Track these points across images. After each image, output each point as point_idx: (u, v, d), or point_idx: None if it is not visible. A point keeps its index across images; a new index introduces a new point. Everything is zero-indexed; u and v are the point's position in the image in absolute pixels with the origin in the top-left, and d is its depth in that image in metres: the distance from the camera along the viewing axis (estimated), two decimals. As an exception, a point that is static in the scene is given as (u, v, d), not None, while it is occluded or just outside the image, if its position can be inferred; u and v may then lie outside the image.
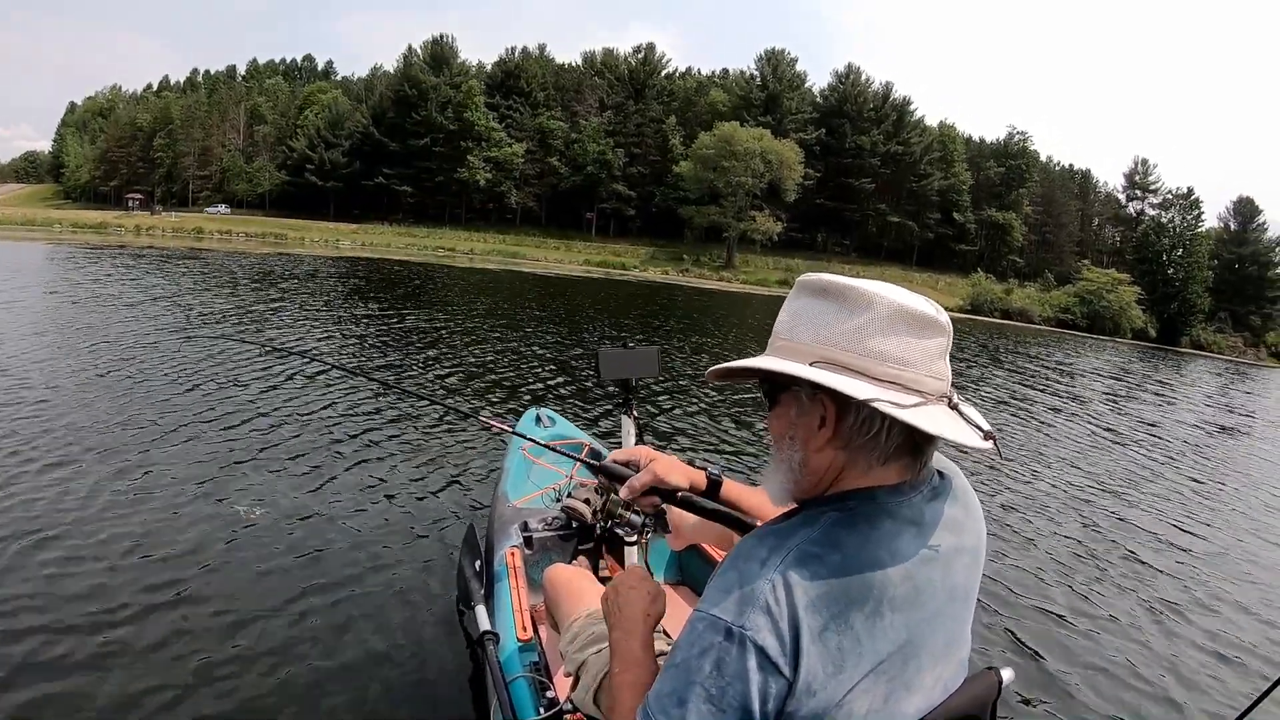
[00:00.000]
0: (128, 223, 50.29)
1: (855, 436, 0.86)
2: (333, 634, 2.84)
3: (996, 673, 0.98)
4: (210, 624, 2.83)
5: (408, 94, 59.16)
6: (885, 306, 0.84)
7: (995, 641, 3.36)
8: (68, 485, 4.00)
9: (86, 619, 2.78)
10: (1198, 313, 57.18)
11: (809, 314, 0.88)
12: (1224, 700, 3.09)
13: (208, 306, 12.25)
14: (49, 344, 7.83)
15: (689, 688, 0.79)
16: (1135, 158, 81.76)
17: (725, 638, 0.78)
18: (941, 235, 62.31)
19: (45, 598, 2.91)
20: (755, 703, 0.77)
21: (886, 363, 0.83)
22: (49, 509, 3.70)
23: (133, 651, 2.61)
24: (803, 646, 0.77)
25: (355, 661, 2.68)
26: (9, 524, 3.48)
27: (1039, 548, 4.68)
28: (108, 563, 3.22)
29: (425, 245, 51.56)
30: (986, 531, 0.98)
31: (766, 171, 51.59)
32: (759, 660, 0.77)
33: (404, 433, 5.63)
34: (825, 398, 0.86)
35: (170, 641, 2.68)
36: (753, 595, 0.79)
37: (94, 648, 2.62)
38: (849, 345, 0.84)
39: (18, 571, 3.08)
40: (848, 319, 0.84)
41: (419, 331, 11.53)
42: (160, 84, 79.99)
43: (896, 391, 0.81)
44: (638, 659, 1.05)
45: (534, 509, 2.89)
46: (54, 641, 2.64)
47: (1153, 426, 10.84)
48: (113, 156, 66.48)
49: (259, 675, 2.56)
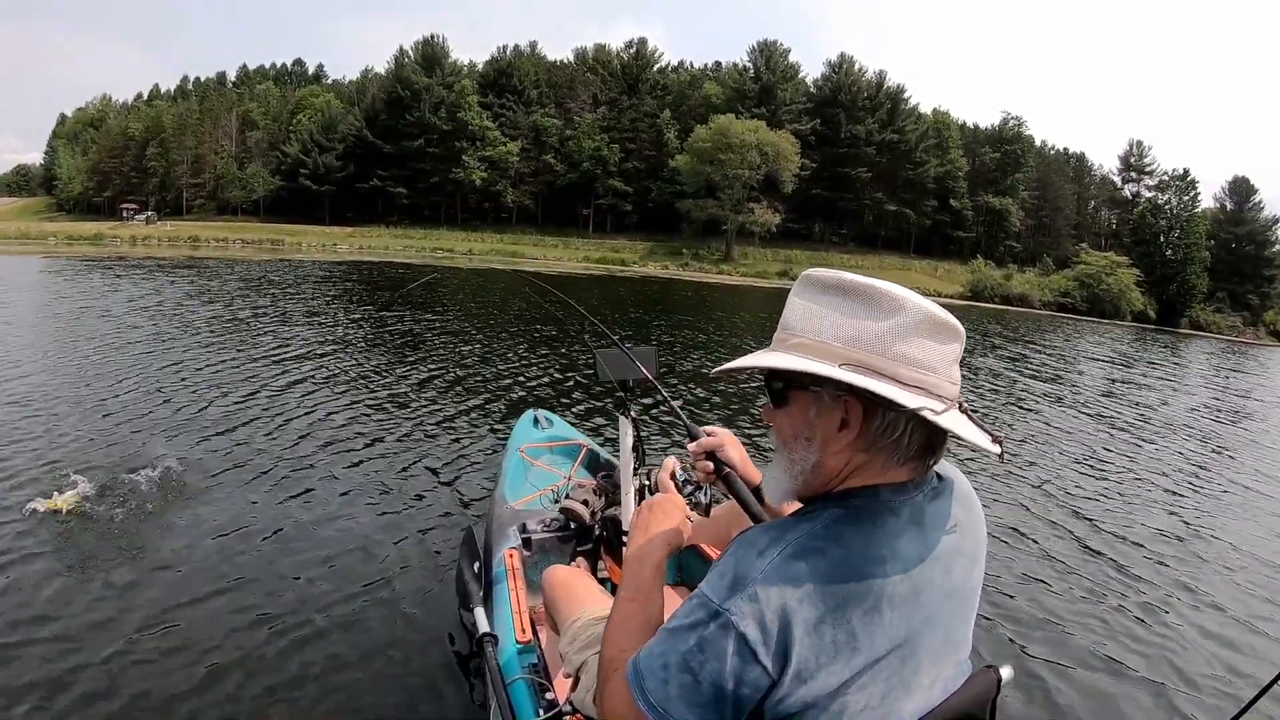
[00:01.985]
0: (123, 233, 49.97)
1: (879, 439, 0.86)
2: (331, 636, 2.85)
3: (996, 671, 0.97)
4: (208, 627, 2.85)
5: (400, 95, 58.91)
6: (915, 312, 0.84)
7: (994, 639, 3.32)
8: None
9: (91, 619, 2.82)
10: (1196, 293, 57.22)
11: (831, 313, 0.87)
12: (1227, 695, 3.05)
13: (223, 316, 12.18)
14: (77, 358, 7.79)
15: (674, 654, 0.83)
16: (1130, 140, 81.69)
17: (711, 618, 0.81)
18: (939, 222, 62.18)
19: (50, 604, 2.92)
20: (729, 684, 0.79)
21: (914, 367, 0.83)
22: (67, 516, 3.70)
23: (132, 654, 2.63)
24: (793, 636, 0.78)
25: (354, 663, 2.69)
26: (28, 533, 3.49)
27: (1038, 543, 4.63)
28: (108, 562, 3.28)
29: (423, 246, 51.32)
30: (986, 528, 0.99)
31: (763, 163, 51.43)
32: (737, 646, 0.79)
33: (402, 435, 5.63)
34: (851, 400, 0.85)
35: (169, 644, 2.70)
36: (743, 582, 0.81)
37: (95, 649, 2.64)
38: (878, 349, 0.83)
39: (27, 578, 3.09)
40: (877, 321, 0.84)
41: (447, 334, 11.58)
42: (150, 93, 79.43)
43: (925, 397, 0.82)
44: (645, 588, 1.06)
45: (532, 510, 2.89)
46: (59, 646, 2.65)
47: (1155, 411, 10.71)
48: (105, 167, 66.10)
49: (257, 677, 2.57)
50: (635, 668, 0.87)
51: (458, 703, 2.53)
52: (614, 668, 0.94)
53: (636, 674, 0.86)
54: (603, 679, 0.99)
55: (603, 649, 1.03)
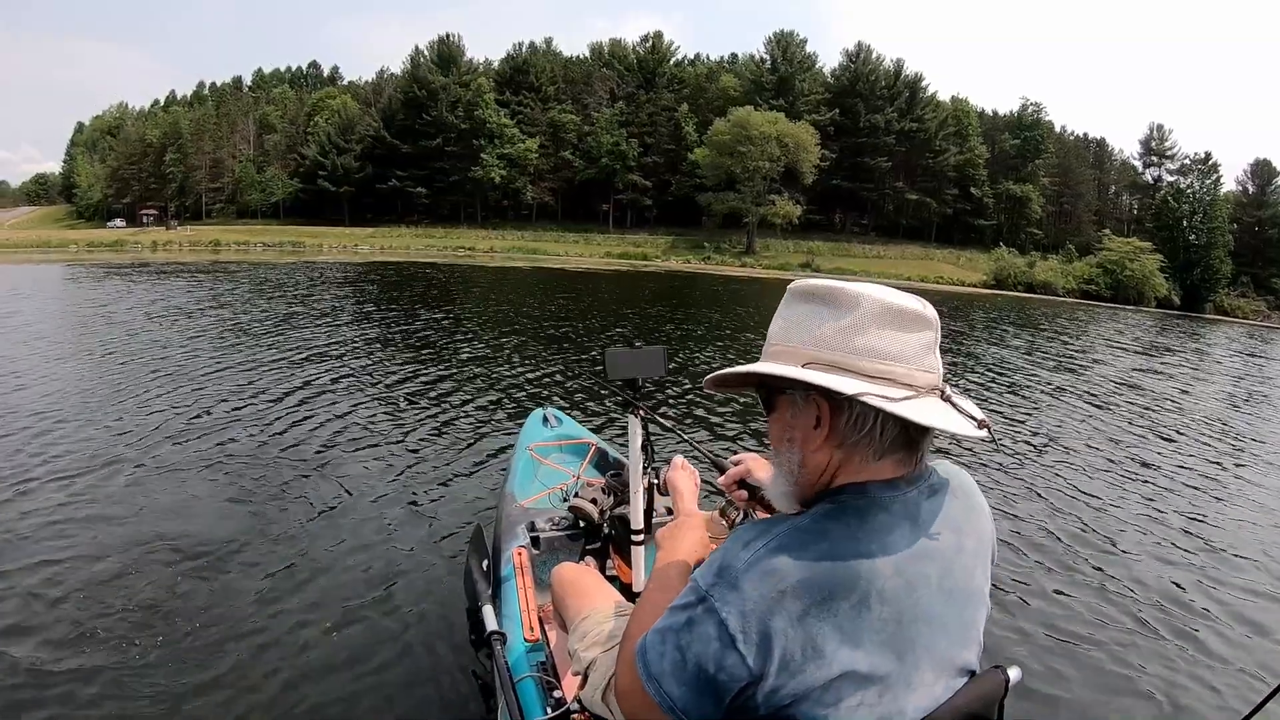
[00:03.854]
0: (144, 239, 50.28)
1: (850, 434, 0.88)
2: (339, 634, 2.86)
3: (1004, 672, 0.96)
4: (216, 624, 2.87)
5: (417, 95, 59.07)
6: (871, 304, 0.86)
7: (1001, 639, 3.24)
8: (85, 487, 4.19)
9: (102, 614, 2.87)
10: (1220, 278, 56.62)
11: (799, 318, 0.91)
12: (1236, 699, 2.96)
13: (242, 319, 12.31)
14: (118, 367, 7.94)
15: (669, 630, 0.87)
16: (1151, 123, 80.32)
17: (698, 601, 0.84)
18: (959, 210, 61.86)
19: (55, 601, 2.96)
20: (710, 666, 0.81)
21: (876, 359, 0.85)
22: (87, 512, 3.84)
23: (138, 651, 2.66)
24: (775, 628, 0.79)
25: (361, 661, 2.70)
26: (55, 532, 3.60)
27: (1052, 539, 4.51)
28: (124, 556, 3.36)
29: (444, 246, 51.47)
30: (997, 524, 0.98)
31: (783, 155, 51.27)
32: (717, 631, 0.81)
33: (411, 433, 5.69)
34: (818, 397, 0.88)
35: (178, 641, 2.73)
36: (727, 572, 0.83)
37: (106, 645, 2.68)
38: (838, 344, 0.86)
39: (46, 575, 3.16)
40: (836, 319, 0.87)
41: (459, 332, 11.71)
42: (167, 99, 79.88)
43: (887, 386, 0.83)
44: (673, 584, 1.09)
45: (541, 509, 2.89)
46: (66, 643, 2.68)
47: (1174, 401, 10.34)
48: (124, 174, 66.47)
49: (264, 675, 2.58)
50: (642, 641, 0.90)
51: (465, 701, 2.54)
52: (633, 642, 0.97)
53: (642, 646, 0.89)
54: (623, 657, 1.02)
55: (626, 633, 1.07)
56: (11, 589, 3.05)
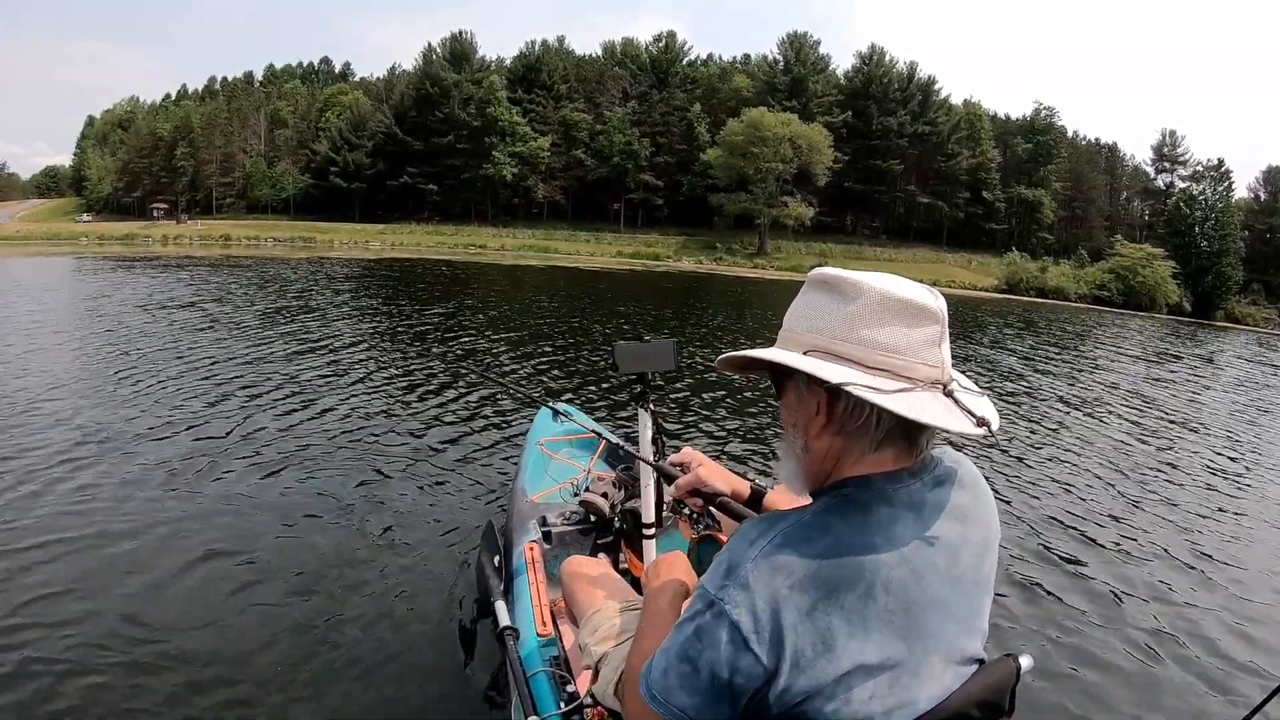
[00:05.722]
0: (155, 233, 50.32)
1: (847, 422, 0.88)
2: (351, 629, 2.84)
3: (1015, 660, 0.96)
4: (224, 619, 2.85)
5: (429, 92, 59.09)
6: (873, 294, 0.85)
7: (1010, 630, 3.24)
8: (87, 483, 4.13)
9: (113, 609, 2.85)
10: (1232, 285, 56.43)
11: (808, 305, 0.91)
12: (1237, 698, 2.95)
13: (261, 313, 12.28)
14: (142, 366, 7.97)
15: (675, 646, 0.86)
16: (1163, 129, 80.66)
17: (708, 608, 0.83)
18: (971, 214, 61.73)
19: (61, 596, 2.93)
20: (724, 671, 0.81)
21: (876, 350, 0.84)
22: (95, 509, 3.78)
23: (147, 648, 2.63)
24: (785, 624, 0.79)
25: (374, 656, 2.68)
26: (62, 523, 3.58)
27: (1061, 531, 4.50)
28: (133, 554, 3.34)
29: (455, 243, 51.41)
30: (1006, 516, 1.00)
31: (796, 156, 51.17)
32: (730, 634, 0.80)
33: (421, 429, 5.65)
34: (817, 385, 0.88)
35: (182, 638, 2.71)
36: (735, 572, 0.83)
37: (111, 640, 2.65)
38: (841, 334, 0.86)
39: (54, 573, 3.12)
40: (840, 307, 0.87)
41: (470, 326, 11.72)
42: (178, 93, 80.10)
43: (883, 378, 0.83)
44: (665, 614, 1.11)
45: (552, 504, 2.90)
46: (76, 639, 2.64)
47: (1185, 407, 10.32)
48: (135, 167, 66.51)
49: (277, 668, 2.56)
50: (646, 666, 0.90)
51: (478, 696, 2.52)
52: (635, 673, 0.96)
53: (646, 668, 0.89)
54: (627, 680, 1.03)
55: (627, 666, 1.07)
56: (21, 576, 3.05)
